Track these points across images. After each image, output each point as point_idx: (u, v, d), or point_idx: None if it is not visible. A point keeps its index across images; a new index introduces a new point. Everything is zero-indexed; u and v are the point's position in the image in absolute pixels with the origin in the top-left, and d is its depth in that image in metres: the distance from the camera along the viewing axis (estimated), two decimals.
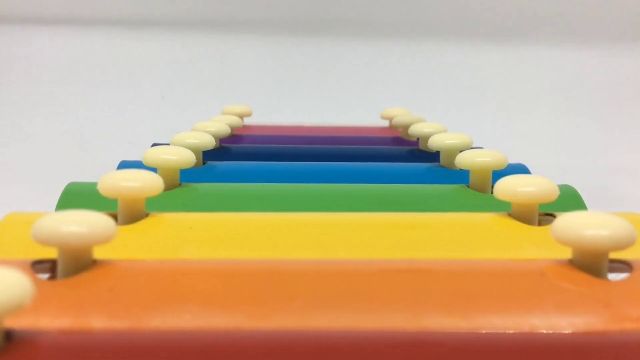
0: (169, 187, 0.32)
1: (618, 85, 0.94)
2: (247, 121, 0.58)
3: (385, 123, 0.60)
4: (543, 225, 0.28)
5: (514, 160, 0.39)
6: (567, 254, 0.22)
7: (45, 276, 0.22)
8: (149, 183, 0.27)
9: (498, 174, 0.32)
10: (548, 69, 0.96)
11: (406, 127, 0.51)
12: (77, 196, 0.32)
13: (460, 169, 0.35)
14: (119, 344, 0.18)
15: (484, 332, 0.19)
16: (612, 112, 0.92)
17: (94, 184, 0.28)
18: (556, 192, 0.28)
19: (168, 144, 0.38)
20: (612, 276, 0.22)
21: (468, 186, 0.34)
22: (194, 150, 0.36)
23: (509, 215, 0.28)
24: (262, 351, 0.17)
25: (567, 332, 0.19)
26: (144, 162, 0.33)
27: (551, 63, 0.96)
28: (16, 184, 0.63)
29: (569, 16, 0.96)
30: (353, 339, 0.19)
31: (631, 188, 0.57)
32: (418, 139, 0.48)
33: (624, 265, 0.23)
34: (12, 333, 0.17)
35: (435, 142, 0.40)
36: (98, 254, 0.22)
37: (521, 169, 0.39)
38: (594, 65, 0.95)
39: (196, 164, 0.36)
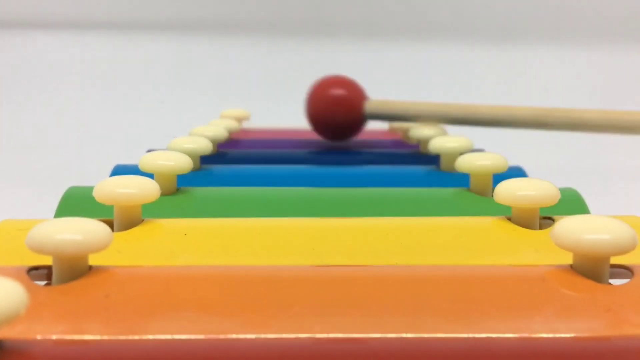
0: (166, 192, 0.32)
1: (618, 85, 0.94)
2: (246, 125, 0.58)
3: (385, 126, 0.60)
4: (544, 229, 0.28)
5: (515, 163, 0.39)
6: (568, 258, 0.22)
7: (41, 283, 0.22)
8: (146, 189, 0.27)
9: (499, 177, 0.31)
10: (547, 70, 0.96)
11: (406, 130, 0.50)
12: (78, 200, 0.32)
13: (460, 173, 0.35)
14: (114, 352, 0.17)
15: (484, 338, 0.19)
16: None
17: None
18: (557, 196, 0.28)
19: (165, 149, 0.38)
20: (614, 281, 0.22)
21: (469, 190, 0.34)
22: (191, 155, 0.36)
23: (509, 219, 0.28)
24: (259, 359, 0.17)
25: (568, 337, 0.19)
26: (141, 168, 0.33)
27: (551, 63, 0.96)
28: (14, 189, 0.63)
29: (569, 16, 0.96)
30: (352, 346, 0.18)
31: (634, 190, 0.57)
32: (418, 142, 0.47)
33: (625, 271, 0.23)
34: (2, 343, 0.17)
35: (435, 145, 0.40)
36: (93, 260, 0.21)
37: (519, 173, 0.38)
38: (594, 65, 0.95)
39: (194, 168, 0.36)
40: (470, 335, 0.19)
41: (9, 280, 0.16)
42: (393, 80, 0.94)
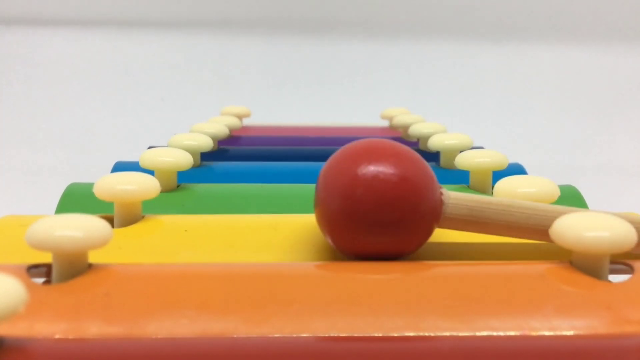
0: (167, 188, 0.32)
1: (618, 84, 0.94)
2: (246, 122, 0.58)
3: (386, 123, 0.60)
4: None
5: (515, 160, 0.39)
6: (566, 255, 0.22)
7: (40, 280, 0.22)
8: (146, 186, 0.27)
9: (498, 174, 0.31)
10: (548, 68, 0.95)
11: (406, 127, 0.50)
12: (78, 197, 0.32)
13: (460, 170, 0.35)
14: (114, 350, 0.17)
15: (484, 335, 0.19)
16: (612, 111, 0.91)
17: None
18: (557, 193, 0.28)
19: (165, 146, 0.38)
20: (613, 277, 0.22)
21: (468, 187, 0.34)
22: (191, 151, 0.36)
23: None
24: (260, 356, 0.17)
25: (568, 334, 0.19)
26: (141, 165, 0.33)
27: (551, 63, 0.96)
28: (15, 185, 0.63)
29: (569, 16, 0.96)
30: (352, 344, 0.18)
31: (632, 187, 0.57)
32: (418, 139, 0.47)
33: (625, 267, 0.23)
34: (3, 340, 0.17)
35: (435, 142, 0.40)
36: (93, 256, 0.21)
37: (518, 170, 0.39)
38: (594, 64, 0.95)
39: (194, 165, 0.36)
40: (470, 333, 0.19)
41: (8, 277, 0.16)
42: (393, 80, 0.94)
